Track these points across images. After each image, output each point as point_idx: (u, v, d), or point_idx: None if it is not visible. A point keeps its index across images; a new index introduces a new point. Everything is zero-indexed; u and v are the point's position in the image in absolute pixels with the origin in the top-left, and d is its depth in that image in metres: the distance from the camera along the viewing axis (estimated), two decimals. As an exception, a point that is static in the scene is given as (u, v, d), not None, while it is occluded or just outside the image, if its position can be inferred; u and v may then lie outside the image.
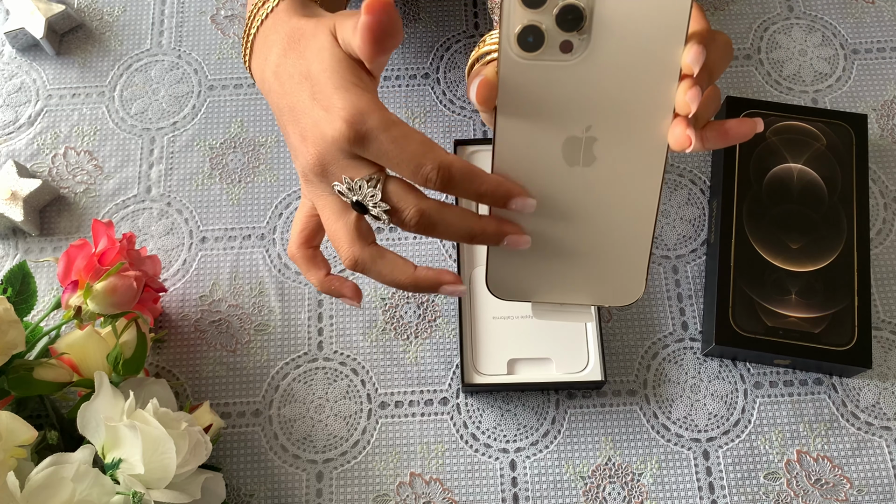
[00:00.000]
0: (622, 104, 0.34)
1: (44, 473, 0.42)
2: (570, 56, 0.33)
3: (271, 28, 0.42)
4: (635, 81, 0.33)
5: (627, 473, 0.55)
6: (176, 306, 0.60)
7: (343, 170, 0.36)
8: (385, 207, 0.36)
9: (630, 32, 0.32)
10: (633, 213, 0.36)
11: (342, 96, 0.35)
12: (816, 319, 0.55)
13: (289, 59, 0.39)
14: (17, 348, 0.47)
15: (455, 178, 0.34)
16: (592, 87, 0.33)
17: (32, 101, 0.67)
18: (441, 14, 0.69)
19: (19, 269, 0.54)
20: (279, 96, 0.40)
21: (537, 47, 0.32)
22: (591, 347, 0.56)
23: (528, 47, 0.32)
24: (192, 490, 0.46)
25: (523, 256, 0.38)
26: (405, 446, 0.56)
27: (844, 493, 0.54)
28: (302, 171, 0.38)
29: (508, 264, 0.38)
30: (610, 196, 0.36)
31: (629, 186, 0.35)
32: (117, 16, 0.70)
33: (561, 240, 0.37)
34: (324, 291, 0.43)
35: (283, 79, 0.39)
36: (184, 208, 0.63)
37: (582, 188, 0.35)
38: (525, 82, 0.33)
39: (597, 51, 0.32)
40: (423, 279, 0.38)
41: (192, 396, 0.58)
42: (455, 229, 0.36)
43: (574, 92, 0.33)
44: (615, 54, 0.32)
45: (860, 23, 0.68)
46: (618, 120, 0.34)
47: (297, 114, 0.38)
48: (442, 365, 0.58)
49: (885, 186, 0.62)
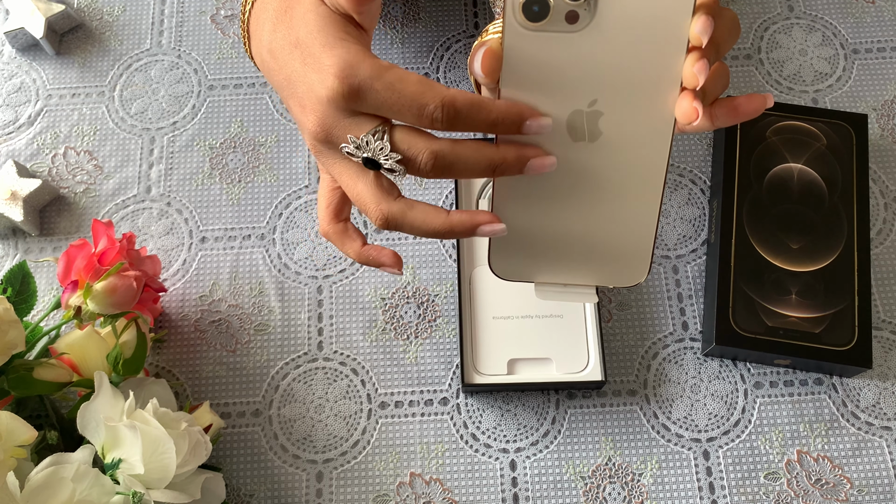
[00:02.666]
0: (628, 77, 0.33)
1: (44, 473, 0.42)
2: (576, 27, 0.32)
3: (261, 8, 0.41)
4: (642, 54, 0.32)
5: (627, 473, 0.55)
6: (176, 306, 0.60)
7: (346, 129, 0.35)
8: (397, 158, 0.34)
9: (636, 3, 0.31)
10: (639, 191, 0.35)
11: (329, 53, 0.34)
12: (817, 319, 0.55)
13: (279, 32, 0.38)
14: (16, 348, 0.47)
15: (461, 111, 0.33)
16: (598, 59, 0.32)
17: (32, 100, 0.67)
18: (441, 14, 0.69)
19: (19, 269, 0.54)
20: (276, 72, 0.38)
21: (542, 17, 0.32)
22: (591, 347, 0.56)
23: (533, 17, 0.32)
24: (192, 490, 0.46)
25: (526, 236, 0.37)
26: (405, 446, 0.56)
27: (845, 493, 0.54)
28: (310, 143, 0.37)
29: (511, 244, 0.37)
30: (615, 173, 0.35)
31: (635, 163, 0.34)
32: (117, 16, 0.70)
33: (564, 218, 0.36)
34: (362, 262, 0.41)
35: (276, 53, 0.38)
36: (184, 208, 0.63)
37: (587, 164, 0.34)
38: (529, 54, 0.32)
39: (602, 22, 0.32)
40: (457, 223, 0.36)
41: (192, 396, 0.58)
42: (474, 164, 0.34)
43: (579, 64, 0.32)
44: (621, 25, 0.32)
45: (860, 23, 0.68)
46: (623, 94, 0.33)
47: (293, 83, 0.37)
48: (442, 365, 0.58)
49: (885, 186, 0.62)
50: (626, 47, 0.32)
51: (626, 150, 0.34)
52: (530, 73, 0.33)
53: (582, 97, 0.33)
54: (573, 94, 0.33)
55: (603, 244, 0.37)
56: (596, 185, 0.35)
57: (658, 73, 0.33)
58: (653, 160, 0.35)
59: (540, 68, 0.33)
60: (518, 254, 0.38)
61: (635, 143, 0.34)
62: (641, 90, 0.33)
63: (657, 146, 0.34)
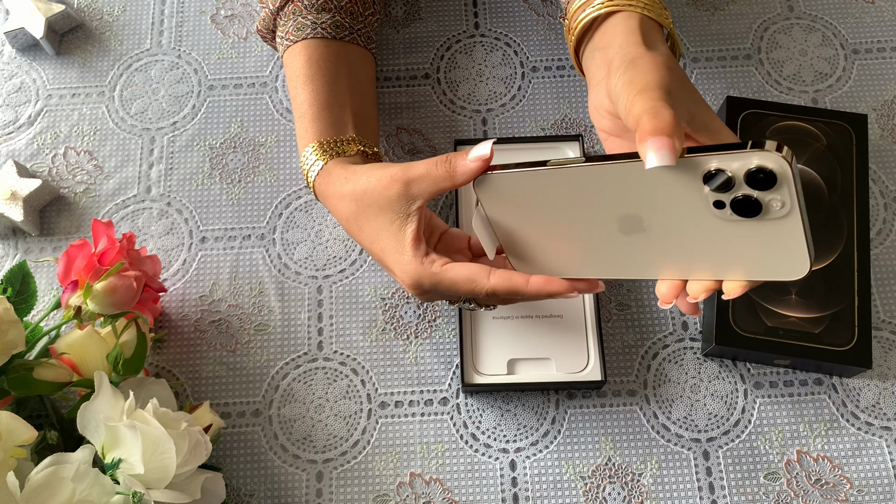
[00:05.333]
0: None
1: (44, 473, 0.42)
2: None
3: (326, 196, 0.52)
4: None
5: (627, 473, 0.55)
6: (176, 306, 0.60)
7: (433, 298, 0.50)
8: (478, 308, 0.51)
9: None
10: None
11: (399, 269, 0.47)
12: (816, 319, 0.55)
13: (352, 228, 0.50)
14: (17, 348, 0.47)
15: (501, 296, 0.45)
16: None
17: (32, 100, 0.67)
18: (441, 14, 0.69)
19: (19, 268, 0.54)
20: (354, 233, 0.50)
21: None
22: (591, 347, 0.56)
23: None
24: (192, 490, 0.46)
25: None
26: (405, 446, 0.56)
27: (844, 493, 0.54)
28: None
29: None
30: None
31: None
32: (117, 16, 0.70)
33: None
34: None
35: (353, 231, 0.50)
36: (184, 208, 0.63)
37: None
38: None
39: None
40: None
41: (192, 396, 0.58)
42: (521, 299, 0.47)
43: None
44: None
45: (860, 23, 0.68)
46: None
47: (375, 256, 0.49)
48: (442, 365, 0.58)
49: (885, 186, 0.62)
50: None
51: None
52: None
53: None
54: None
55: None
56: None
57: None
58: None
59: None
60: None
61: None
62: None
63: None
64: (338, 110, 0.54)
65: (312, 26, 0.55)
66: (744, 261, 0.36)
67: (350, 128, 0.54)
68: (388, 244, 0.47)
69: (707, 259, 0.37)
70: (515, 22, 0.69)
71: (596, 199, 0.38)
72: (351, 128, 0.54)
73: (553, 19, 0.69)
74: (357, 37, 0.57)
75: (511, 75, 0.67)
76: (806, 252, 0.34)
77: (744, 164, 0.31)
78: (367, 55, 0.59)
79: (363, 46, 0.58)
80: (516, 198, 0.41)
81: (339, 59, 0.56)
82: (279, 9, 0.57)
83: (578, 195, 0.38)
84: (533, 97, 0.66)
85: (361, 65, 0.58)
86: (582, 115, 0.65)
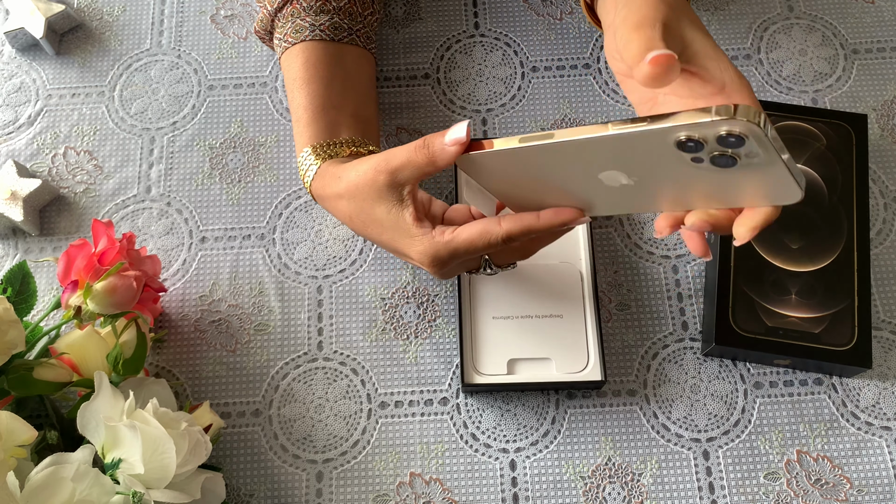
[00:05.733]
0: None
1: (44, 473, 0.42)
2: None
3: (323, 199, 0.52)
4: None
5: (627, 473, 0.55)
6: (176, 306, 0.60)
7: (455, 271, 0.50)
8: (497, 271, 0.50)
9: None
10: None
11: (414, 251, 0.47)
12: (816, 319, 0.55)
13: (356, 226, 0.50)
14: (17, 348, 0.47)
15: (516, 240, 0.44)
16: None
17: (32, 100, 0.67)
18: (441, 14, 0.69)
19: (19, 268, 0.54)
20: (360, 230, 0.51)
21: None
22: (591, 347, 0.56)
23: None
24: (192, 490, 0.46)
25: None
26: (405, 446, 0.56)
27: (844, 493, 0.54)
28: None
29: None
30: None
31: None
32: (117, 16, 0.70)
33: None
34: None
35: (358, 228, 0.50)
36: (184, 208, 0.63)
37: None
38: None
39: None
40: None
41: (192, 396, 0.58)
42: (542, 246, 0.49)
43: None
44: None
45: (860, 23, 0.68)
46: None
47: (388, 247, 0.50)
48: (442, 365, 0.58)
49: (885, 186, 0.62)
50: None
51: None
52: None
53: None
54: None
55: None
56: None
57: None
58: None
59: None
60: None
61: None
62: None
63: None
64: (333, 113, 0.54)
65: (311, 28, 0.55)
66: (736, 194, 0.37)
67: (344, 129, 0.54)
68: (394, 232, 0.47)
69: (700, 196, 0.38)
70: (515, 22, 0.69)
71: (576, 165, 0.38)
72: (345, 130, 0.54)
73: (553, 19, 0.69)
74: (356, 37, 0.57)
75: (511, 75, 0.67)
76: (795, 183, 0.35)
77: (712, 131, 0.32)
78: (366, 55, 0.59)
79: (362, 47, 0.58)
80: (501, 170, 0.42)
81: (336, 61, 0.56)
82: (277, 10, 0.57)
83: (558, 164, 0.39)
84: (533, 97, 0.66)
85: (359, 65, 0.58)
86: (582, 116, 0.65)
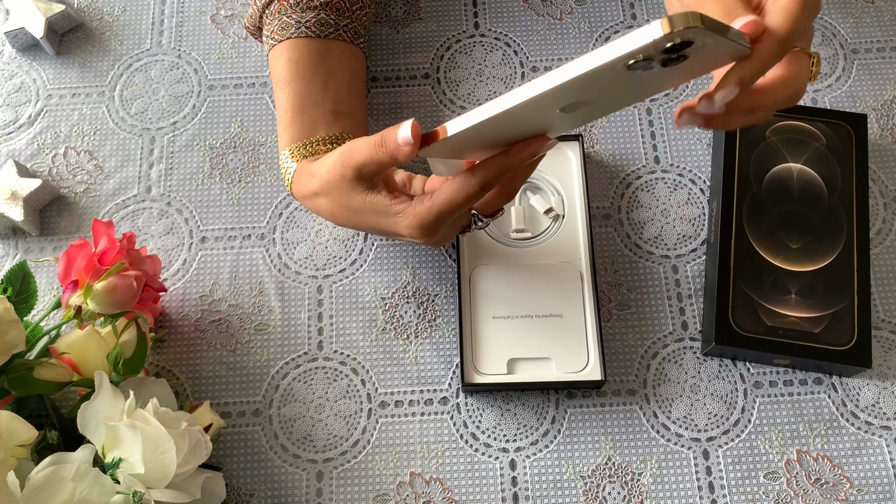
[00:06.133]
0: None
1: (44, 473, 0.42)
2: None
3: (303, 198, 0.53)
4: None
5: (627, 473, 0.55)
6: (176, 306, 0.60)
7: (448, 237, 0.50)
8: (489, 222, 0.50)
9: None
10: None
11: (400, 226, 0.47)
12: (816, 319, 0.55)
13: (340, 219, 0.51)
14: (17, 348, 0.47)
15: (493, 179, 0.44)
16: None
17: (32, 100, 0.67)
18: (441, 14, 0.69)
19: (19, 268, 0.54)
20: (345, 222, 0.51)
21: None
22: (590, 347, 0.56)
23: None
24: (192, 490, 0.46)
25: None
26: (405, 446, 0.56)
27: (844, 492, 0.54)
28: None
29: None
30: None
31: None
32: (117, 16, 0.70)
33: None
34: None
35: (343, 221, 0.51)
36: (184, 208, 0.63)
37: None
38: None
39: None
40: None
41: (192, 396, 0.58)
42: (520, 182, 0.47)
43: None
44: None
45: (860, 23, 0.68)
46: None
47: (376, 231, 0.50)
48: (442, 365, 0.58)
49: (885, 186, 0.62)
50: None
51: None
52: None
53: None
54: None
55: None
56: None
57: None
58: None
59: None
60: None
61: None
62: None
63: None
64: (312, 111, 0.55)
65: (297, 25, 0.55)
66: (691, 72, 0.38)
67: (322, 127, 0.54)
68: (377, 216, 0.48)
69: (656, 86, 0.40)
70: (515, 22, 0.69)
71: (533, 114, 0.39)
72: (323, 127, 0.54)
73: (553, 19, 0.69)
74: (343, 33, 0.57)
75: (511, 75, 0.67)
76: (742, 47, 0.36)
77: (657, 47, 0.32)
78: (353, 50, 0.58)
79: (349, 42, 0.58)
80: (462, 143, 0.42)
81: (319, 59, 0.56)
82: (265, 6, 0.57)
83: (514, 121, 0.40)
84: (533, 97, 0.66)
85: (344, 60, 0.57)
86: (582, 115, 0.65)
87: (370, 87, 0.67)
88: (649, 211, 0.62)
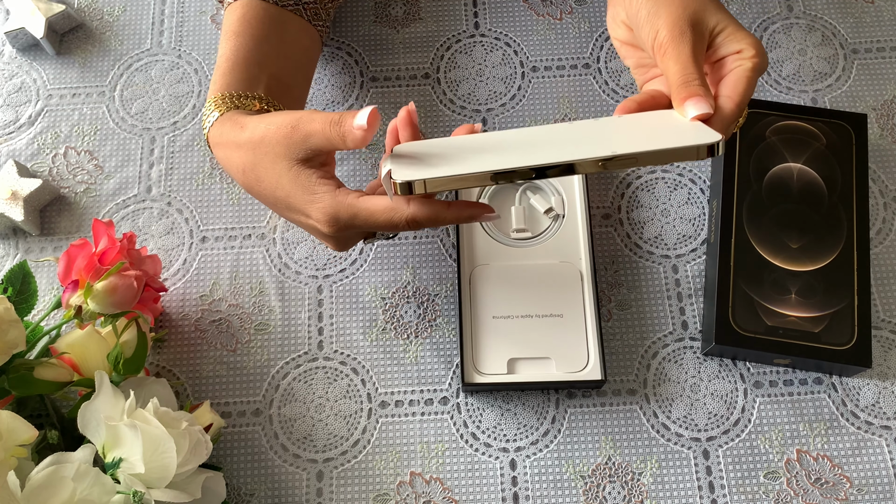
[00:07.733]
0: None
1: (44, 473, 0.42)
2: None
3: (219, 146, 0.50)
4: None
5: (627, 473, 0.55)
6: (176, 306, 0.60)
7: (353, 241, 0.50)
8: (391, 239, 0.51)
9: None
10: None
11: (313, 208, 0.45)
12: (816, 319, 0.55)
13: (248, 179, 0.48)
14: (17, 348, 0.47)
15: (423, 223, 0.43)
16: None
17: (33, 100, 0.67)
18: (441, 14, 0.69)
19: (20, 268, 0.54)
20: (250, 184, 0.49)
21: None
22: (590, 347, 0.56)
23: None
24: (193, 489, 0.47)
25: None
26: (405, 445, 0.56)
27: (844, 492, 0.54)
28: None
29: None
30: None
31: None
32: (117, 16, 0.70)
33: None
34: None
35: (249, 182, 0.48)
36: (184, 208, 0.63)
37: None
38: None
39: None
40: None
41: (193, 396, 0.58)
42: (443, 223, 0.45)
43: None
44: None
45: (860, 22, 0.68)
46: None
47: (280, 204, 0.48)
48: (442, 364, 0.58)
49: (885, 186, 0.62)
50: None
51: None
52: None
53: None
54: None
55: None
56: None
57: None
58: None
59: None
60: None
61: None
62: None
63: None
64: (255, 69, 0.53)
65: None
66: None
67: (262, 87, 0.52)
68: (293, 188, 0.45)
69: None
70: (515, 22, 0.69)
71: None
72: (263, 87, 0.52)
73: (553, 19, 0.69)
74: (303, 9, 0.56)
75: (511, 75, 0.67)
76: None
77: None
78: (310, 30, 0.57)
79: (307, 21, 0.57)
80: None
81: (273, 24, 0.55)
82: None
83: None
84: (533, 97, 0.66)
85: (299, 38, 0.56)
86: (582, 115, 0.65)
87: (370, 87, 0.67)
88: (649, 211, 0.62)
